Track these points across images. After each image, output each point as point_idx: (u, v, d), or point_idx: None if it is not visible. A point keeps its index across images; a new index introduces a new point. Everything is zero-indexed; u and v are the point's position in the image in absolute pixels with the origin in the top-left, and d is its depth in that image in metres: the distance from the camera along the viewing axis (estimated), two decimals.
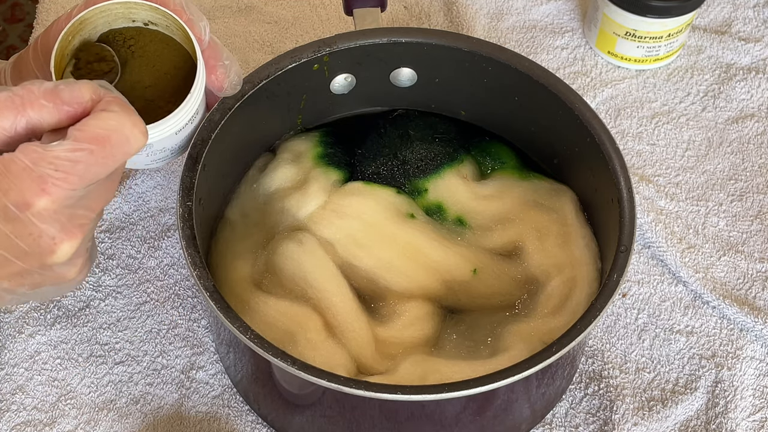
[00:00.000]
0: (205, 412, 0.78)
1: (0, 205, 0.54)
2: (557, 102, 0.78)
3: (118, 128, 0.55)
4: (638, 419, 0.79)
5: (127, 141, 0.56)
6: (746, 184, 0.93)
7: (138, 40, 0.67)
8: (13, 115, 0.56)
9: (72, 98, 0.56)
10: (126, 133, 0.56)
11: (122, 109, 0.56)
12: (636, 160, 0.94)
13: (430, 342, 0.75)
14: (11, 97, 0.56)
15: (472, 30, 1.02)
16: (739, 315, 0.84)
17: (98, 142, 0.55)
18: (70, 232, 0.56)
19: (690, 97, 0.99)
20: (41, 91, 0.56)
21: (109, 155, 0.55)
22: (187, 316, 0.83)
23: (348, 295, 0.75)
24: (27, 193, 0.54)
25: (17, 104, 0.56)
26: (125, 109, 0.57)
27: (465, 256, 0.78)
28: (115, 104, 0.56)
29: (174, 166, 0.91)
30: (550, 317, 0.74)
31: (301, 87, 0.82)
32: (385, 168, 0.82)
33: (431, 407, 0.68)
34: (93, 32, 0.66)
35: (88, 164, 0.54)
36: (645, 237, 0.88)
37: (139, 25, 0.67)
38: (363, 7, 0.85)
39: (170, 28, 0.66)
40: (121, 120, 0.56)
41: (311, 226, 0.78)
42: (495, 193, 0.81)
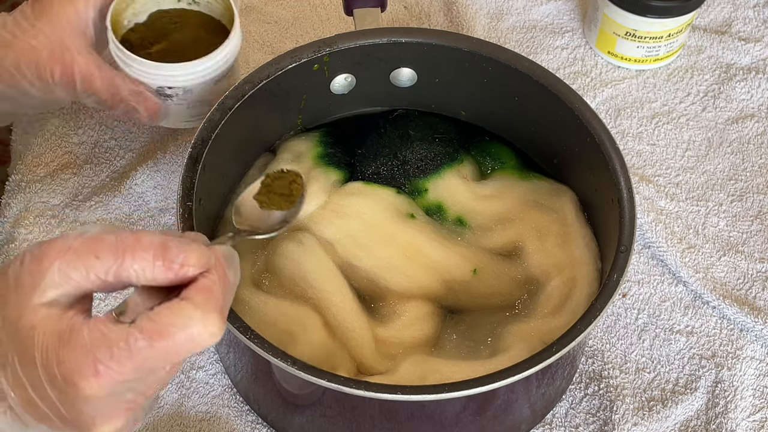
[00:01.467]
0: (205, 412, 0.78)
1: (51, 372, 0.52)
2: (557, 102, 0.78)
3: (188, 326, 0.52)
4: (638, 419, 0.79)
5: (191, 340, 0.52)
6: (746, 184, 0.93)
7: (182, 18, 0.83)
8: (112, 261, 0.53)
9: (176, 258, 0.54)
10: (193, 333, 0.52)
11: (204, 302, 0.53)
12: (636, 160, 0.94)
13: (430, 342, 0.75)
14: (115, 242, 0.53)
15: (472, 30, 1.02)
16: (739, 315, 0.84)
17: (163, 336, 0.52)
18: (113, 416, 0.54)
19: (690, 97, 0.99)
20: (148, 242, 0.54)
21: (172, 352, 0.52)
22: None
23: (348, 295, 0.75)
24: (77, 371, 0.52)
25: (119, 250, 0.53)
26: (207, 301, 0.53)
27: (465, 256, 0.78)
28: (201, 294, 0.53)
29: (174, 166, 0.91)
30: (550, 317, 0.74)
31: (301, 87, 0.82)
32: (385, 168, 0.82)
33: (431, 407, 0.68)
34: (143, 8, 0.82)
35: (146, 357, 0.52)
36: (645, 237, 0.88)
37: (183, 5, 0.83)
38: (363, 7, 0.85)
39: (210, 5, 0.82)
40: (194, 317, 0.52)
41: (311, 226, 0.78)
42: (495, 193, 0.81)
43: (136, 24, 0.82)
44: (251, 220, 0.68)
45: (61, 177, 0.90)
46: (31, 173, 0.90)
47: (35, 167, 0.91)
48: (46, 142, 0.93)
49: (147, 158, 0.92)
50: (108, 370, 0.52)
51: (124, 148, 0.93)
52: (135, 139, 0.94)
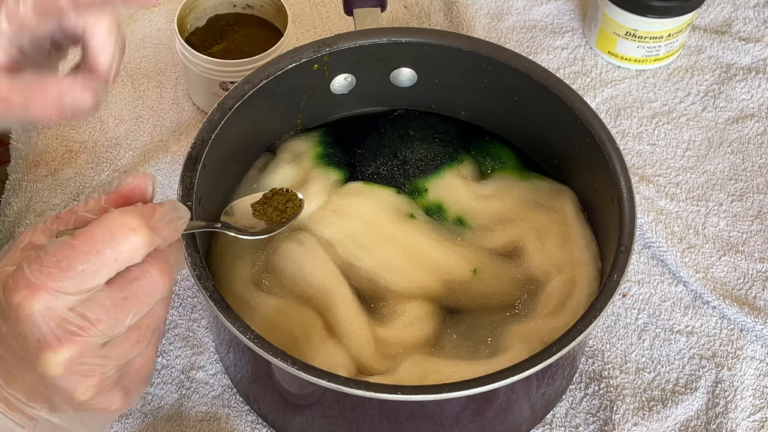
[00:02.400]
0: (205, 412, 0.78)
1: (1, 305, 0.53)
2: (557, 102, 0.78)
3: (107, 219, 0.53)
4: (638, 419, 0.79)
5: (111, 235, 0.53)
6: (746, 184, 0.93)
7: (238, 21, 0.95)
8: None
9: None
10: (111, 226, 0.53)
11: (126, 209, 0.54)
12: (636, 160, 0.94)
13: (430, 342, 0.75)
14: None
15: (472, 30, 1.02)
16: (739, 315, 0.84)
17: (83, 233, 0.53)
18: (59, 340, 0.52)
19: (690, 97, 0.99)
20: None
21: (93, 250, 0.52)
22: (187, 316, 0.83)
23: (348, 295, 0.75)
24: (13, 288, 0.52)
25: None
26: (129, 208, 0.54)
27: (465, 256, 0.78)
28: (125, 213, 0.54)
29: (174, 166, 0.91)
30: (550, 317, 0.74)
31: (301, 87, 0.82)
32: (385, 168, 0.82)
33: (431, 407, 0.68)
34: (203, 13, 0.94)
35: (71, 259, 0.52)
36: (645, 237, 0.88)
37: (238, 10, 0.95)
38: (363, 7, 0.85)
39: (263, 8, 0.94)
40: (113, 213, 0.54)
41: (311, 226, 0.78)
42: (495, 193, 0.81)
43: (196, 28, 0.94)
44: (239, 220, 0.70)
45: (62, 176, 0.90)
46: (32, 172, 0.90)
47: (36, 166, 0.91)
48: (47, 141, 0.93)
49: (148, 158, 0.92)
50: (38, 280, 0.52)
51: (124, 147, 0.93)
52: (136, 138, 0.94)
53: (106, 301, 0.53)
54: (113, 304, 0.53)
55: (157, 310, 0.57)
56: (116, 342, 0.55)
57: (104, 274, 0.53)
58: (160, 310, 0.57)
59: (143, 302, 0.54)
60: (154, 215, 0.55)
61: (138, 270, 0.54)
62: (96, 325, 0.53)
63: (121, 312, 0.54)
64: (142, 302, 0.54)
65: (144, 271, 0.54)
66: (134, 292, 0.54)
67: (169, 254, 0.56)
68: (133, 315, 0.54)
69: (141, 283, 0.54)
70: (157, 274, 0.55)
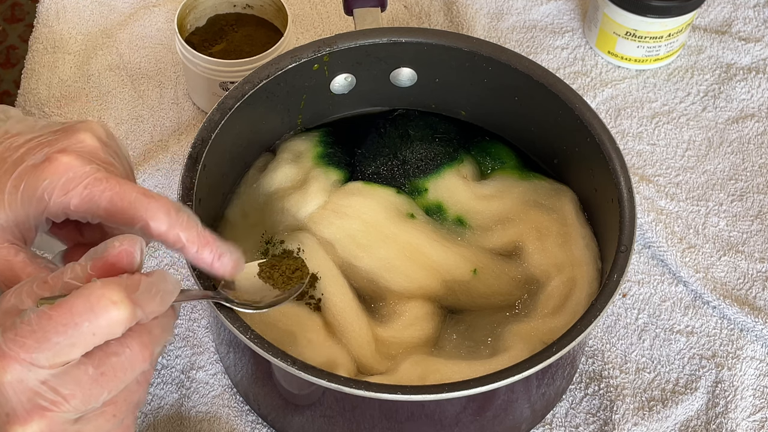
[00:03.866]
0: (205, 412, 0.78)
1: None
2: (557, 102, 0.78)
3: (88, 290, 0.51)
4: (638, 419, 0.79)
5: (90, 308, 0.50)
6: (746, 184, 0.93)
7: (238, 21, 0.95)
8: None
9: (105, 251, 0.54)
10: (92, 299, 0.51)
11: (109, 280, 0.52)
12: (636, 160, 0.94)
13: (430, 342, 0.75)
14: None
15: (472, 30, 1.02)
16: (740, 315, 0.84)
17: (62, 305, 0.51)
18: (27, 413, 0.51)
19: (690, 97, 0.99)
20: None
21: (71, 323, 0.50)
22: (187, 316, 0.83)
23: (348, 295, 0.75)
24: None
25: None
26: (112, 279, 0.52)
27: (465, 256, 0.78)
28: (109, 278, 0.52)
29: (175, 166, 0.91)
30: (550, 317, 0.74)
31: (301, 87, 0.82)
32: (385, 168, 0.82)
33: (431, 407, 0.68)
34: (203, 13, 0.94)
35: (47, 330, 0.50)
36: (645, 237, 0.88)
37: (238, 10, 0.94)
38: (363, 7, 0.85)
39: (263, 8, 0.94)
40: (94, 285, 0.51)
41: (311, 226, 0.78)
42: (495, 193, 0.81)
43: (196, 28, 0.94)
44: (241, 290, 0.67)
45: None
46: None
47: None
48: None
49: (148, 158, 0.92)
50: (11, 350, 0.50)
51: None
52: (136, 138, 0.94)
53: (81, 376, 0.51)
54: (88, 380, 0.51)
55: (135, 384, 0.55)
56: (90, 417, 0.53)
57: (80, 348, 0.51)
58: (138, 384, 0.55)
59: (120, 378, 0.52)
60: (139, 287, 0.53)
61: (117, 345, 0.52)
62: (68, 401, 0.51)
63: (96, 388, 0.52)
64: (120, 378, 0.52)
65: (123, 346, 0.52)
66: (111, 368, 0.52)
67: (153, 327, 0.54)
68: (110, 391, 0.52)
69: (119, 358, 0.52)
70: (137, 350, 0.53)
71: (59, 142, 0.60)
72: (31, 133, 0.62)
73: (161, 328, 0.55)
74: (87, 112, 0.95)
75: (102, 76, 0.98)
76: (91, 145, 0.61)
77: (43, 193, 0.58)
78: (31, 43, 1.01)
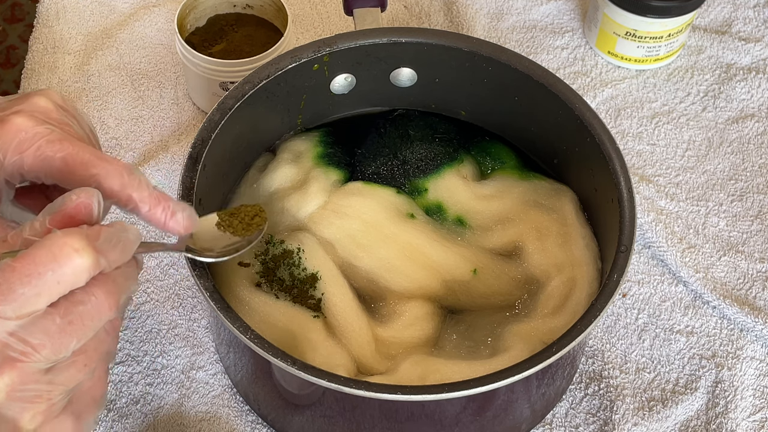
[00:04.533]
0: (205, 412, 0.78)
1: None
2: (557, 102, 0.78)
3: (49, 240, 0.51)
4: (638, 419, 0.79)
5: (53, 257, 0.50)
6: (746, 184, 0.93)
7: (238, 21, 0.95)
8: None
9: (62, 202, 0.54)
10: (53, 247, 0.50)
11: (70, 230, 0.52)
12: (636, 160, 0.94)
13: (430, 342, 0.75)
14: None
15: (472, 30, 1.02)
16: (739, 315, 0.84)
17: (24, 255, 0.50)
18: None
19: (690, 97, 0.99)
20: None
21: (35, 272, 0.50)
22: (187, 316, 0.83)
23: (348, 295, 0.75)
24: None
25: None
26: (73, 229, 0.52)
27: (465, 256, 0.78)
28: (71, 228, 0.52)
29: (174, 166, 0.91)
30: (550, 317, 0.74)
31: (301, 87, 0.82)
32: (385, 168, 0.82)
33: (431, 407, 0.68)
34: (203, 13, 0.94)
35: (11, 281, 0.50)
36: (645, 237, 0.88)
37: (238, 10, 0.95)
38: (363, 7, 0.85)
39: (263, 8, 0.94)
40: (55, 234, 0.51)
41: (311, 226, 0.78)
42: (495, 193, 0.81)
43: (196, 28, 0.94)
44: (201, 242, 0.66)
45: None
46: None
47: None
48: None
49: (148, 158, 0.92)
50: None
51: (125, 147, 0.93)
52: (136, 138, 0.94)
53: (48, 325, 0.51)
54: (56, 329, 0.51)
55: (104, 333, 0.55)
56: (61, 367, 0.53)
57: (46, 298, 0.51)
58: (107, 334, 0.55)
59: (88, 326, 0.52)
60: (100, 236, 0.53)
61: (82, 293, 0.52)
62: (38, 350, 0.51)
63: (65, 336, 0.52)
64: (87, 326, 0.52)
65: (88, 294, 0.52)
66: (78, 316, 0.52)
67: (117, 276, 0.54)
68: (78, 339, 0.52)
69: (86, 306, 0.52)
70: (102, 297, 0.53)
71: (14, 107, 0.60)
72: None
73: (125, 277, 0.55)
74: (87, 112, 0.95)
75: (102, 76, 0.98)
76: (45, 106, 0.61)
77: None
78: (31, 43, 1.01)
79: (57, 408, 0.54)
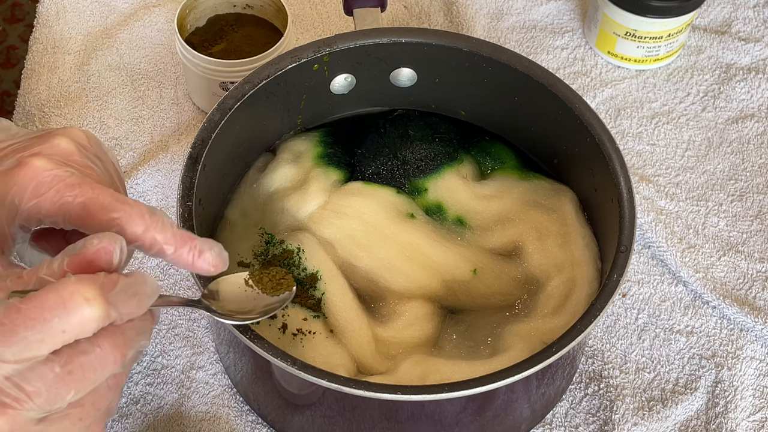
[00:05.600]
0: (205, 412, 0.78)
1: None
2: (557, 102, 0.78)
3: (60, 285, 0.49)
4: (638, 419, 0.79)
5: (62, 303, 0.49)
6: (746, 184, 0.93)
7: (238, 21, 0.95)
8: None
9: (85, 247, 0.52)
10: (63, 294, 0.49)
11: (83, 276, 0.50)
12: (636, 160, 0.94)
13: (430, 342, 0.75)
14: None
15: (472, 30, 1.02)
16: (739, 315, 0.84)
17: (32, 299, 0.49)
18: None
19: (690, 97, 0.99)
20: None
21: (41, 318, 0.48)
22: (187, 316, 0.83)
23: (348, 295, 0.75)
24: None
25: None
26: (86, 276, 0.50)
27: (465, 256, 0.78)
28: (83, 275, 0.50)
29: (174, 166, 0.91)
30: (550, 317, 0.74)
31: (301, 87, 0.82)
32: (385, 168, 0.82)
33: (431, 407, 0.68)
34: (203, 14, 0.94)
35: (15, 324, 0.48)
36: (645, 237, 0.88)
37: (238, 10, 0.94)
38: (363, 7, 0.85)
39: (263, 8, 0.94)
40: (67, 280, 0.49)
41: (311, 226, 0.78)
42: (495, 193, 0.81)
43: (196, 28, 0.94)
44: (225, 303, 0.64)
45: None
46: None
47: None
48: None
49: (148, 158, 0.92)
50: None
51: (125, 147, 0.93)
52: (136, 138, 0.94)
53: (47, 373, 0.49)
54: (54, 378, 0.49)
55: (106, 387, 0.53)
56: (55, 418, 0.51)
57: (49, 345, 0.49)
58: (108, 389, 0.53)
59: (89, 378, 0.50)
60: (116, 286, 0.51)
61: (87, 343, 0.50)
62: (32, 398, 0.49)
63: (63, 387, 0.50)
64: (88, 378, 0.50)
65: (94, 345, 0.50)
66: (79, 367, 0.50)
67: (128, 330, 0.52)
68: (76, 391, 0.50)
69: (89, 357, 0.50)
70: (108, 350, 0.51)
71: (33, 147, 0.58)
72: (11, 140, 0.60)
73: (136, 331, 0.53)
74: (87, 112, 0.95)
75: (102, 76, 0.98)
76: (66, 148, 0.59)
77: (13, 198, 0.56)
78: (31, 43, 1.01)
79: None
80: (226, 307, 0.63)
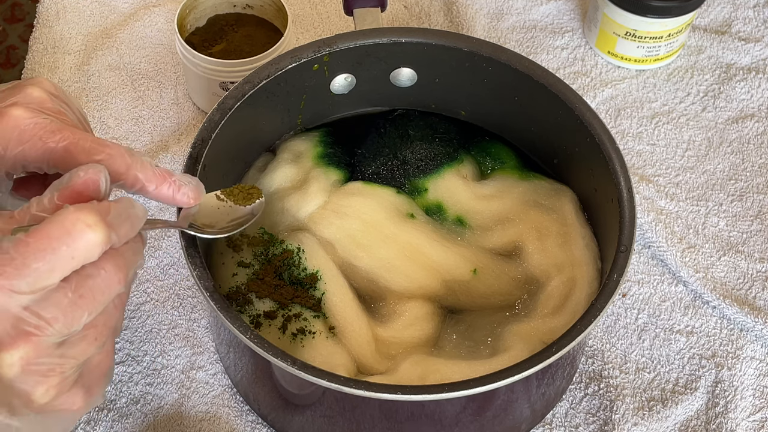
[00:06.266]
0: (205, 412, 0.78)
1: None
2: (557, 102, 0.78)
3: (61, 216, 0.52)
4: (638, 419, 0.79)
5: (68, 232, 0.51)
6: (746, 184, 0.93)
7: (238, 21, 0.95)
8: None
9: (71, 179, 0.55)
10: (66, 223, 0.51)
11: (82, 205, 0.53)
12: (636, 160, 0.94)
13: (430, 342, 0.75)
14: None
15: (472, 30, 1.02)
16: (739, 315, 0.84)
17: (38, 231, 0.51)
18: (13, 339, 0.51)
19: (690, 97, 0.99)
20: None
21: (49, 248, 0.51)
22: (187, 316, 0.83)
23: (348, 295, 0.75)
24: None
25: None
26: (85, 204, 0.53)
27: (465, 256, 0.78)
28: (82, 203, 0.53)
29: (174, 166, 0.91)
30: (550, 317, 0.74)
31: (301, 87, 0.82)
32: (385, 168, 0.82)
33: (431, 407, 0.68)
34: (203, 14, 0.94)
35: (25, 257, 0.50)
36: (645, 237, 0.88)
37: (238, 10, 0.95)
38: (363, 7, 0.85)
39: (263, 8, 0.94)
40: (68, 209, 0.52)
41: (311, 226, 0.78)
42: (495, 193, 0.81)
43: (196, 28, 0.94)
44: (203, 218, 0.67)
45: None
46: None
47: None
48: None
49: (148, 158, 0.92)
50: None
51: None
52: (136, 138, 0.94)
53: (61, 299, 0.52)
54: (68, 303, 0.52)
55: (113, 307, 0.56)
56: (73, 341, 0.54)
57: (59, 273, 0.52)
58: (115, 308, 0.56)
59: (99, 300, 0.53)
60: (110, 212, 0.54)
61: (92, 268, 0.53)
62: (52, 324, 0.52)
63: (77, 310, 0.52)
64: (98, 300, 0.53)
65: (98, 269, 0.53)
66: (89, 290, 0.53)
67: (126, 251, 0.55)
68: (89, 313, 0.53)
69: (96, 281, 0.53)
70: (112, 272, 0.54)
71: (8, 99, 0.61)
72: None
73: (132, 252, 0.56)
74: (87, 111, 0.95)
75: (102, 76, 0.98)
76: (39, 97, 0.61)
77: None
78: (31, 43, 1.01)
79: (69, 382, 0.54)
80: (202, 221, 0.67)
